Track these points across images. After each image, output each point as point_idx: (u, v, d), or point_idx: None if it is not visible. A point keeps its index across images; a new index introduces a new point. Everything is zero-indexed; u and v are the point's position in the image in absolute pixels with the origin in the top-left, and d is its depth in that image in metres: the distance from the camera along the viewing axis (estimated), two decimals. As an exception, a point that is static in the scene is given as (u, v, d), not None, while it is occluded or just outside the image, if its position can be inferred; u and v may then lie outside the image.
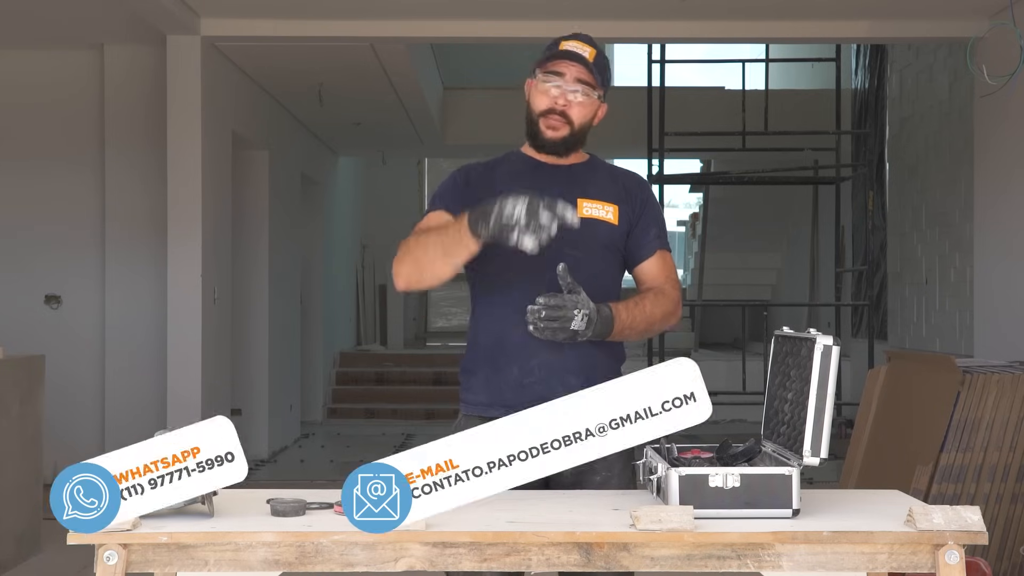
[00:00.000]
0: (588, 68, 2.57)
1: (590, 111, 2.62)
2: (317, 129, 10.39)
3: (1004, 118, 6.50)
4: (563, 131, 2.59)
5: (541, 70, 2.60)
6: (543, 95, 2.59)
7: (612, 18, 6.86)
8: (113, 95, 7.34)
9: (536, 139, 2.62)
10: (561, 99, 2.58)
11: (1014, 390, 4.42)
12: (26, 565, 5.17)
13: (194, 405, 6.62)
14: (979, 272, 6.98)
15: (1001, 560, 4.44)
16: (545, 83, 2.59)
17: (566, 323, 2.36)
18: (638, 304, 2.54)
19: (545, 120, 2.59)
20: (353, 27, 6.83)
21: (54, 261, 7.42)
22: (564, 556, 1.97)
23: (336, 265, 12.04)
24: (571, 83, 2.57)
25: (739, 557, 1.98)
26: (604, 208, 2.61)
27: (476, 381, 2.60)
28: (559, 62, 2.58)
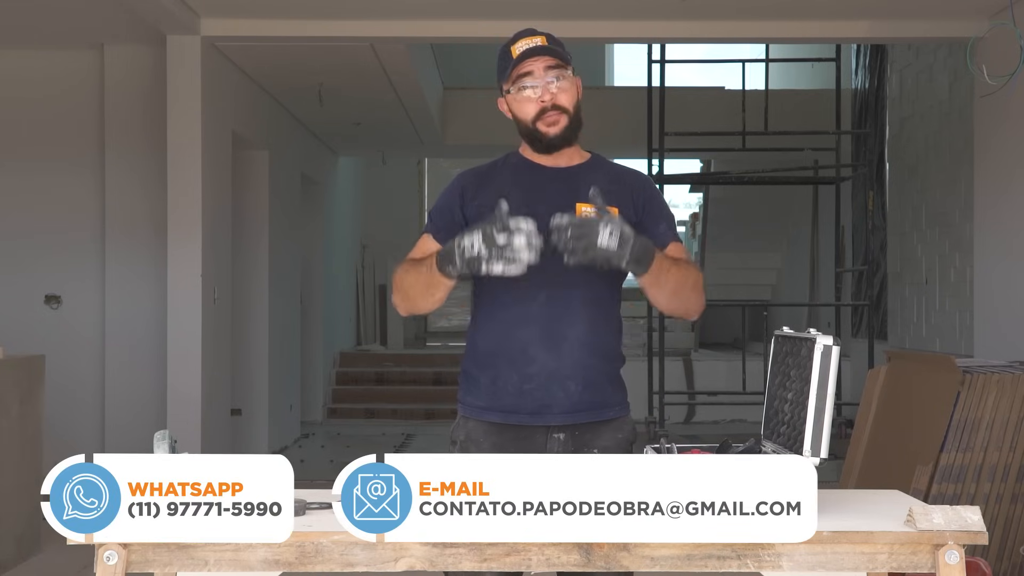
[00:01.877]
0: (549, 53, 2.55)
1: (574, 91, 2.59)
2: (317, 129, 10.39)
3: (1004, 118, 6.50)
4: (563, 121, 2.56)
5: (510, 84, 2.57)
6: (526, 103, 2.56)
7: (612, 18, 6.87)
8: (113, 95, 7.34)
9: (539, 142, 2.58)
10: (545, 95, 2.55)
11: (1014, 390, 4.42)
12: (26, 565, 5.17)
13: (194, 405, 6.62)
14: (979, 272, 6.97)
15: (1001, 560, 4.44)
16: (521, 92, 2.55)
17: (593, 238, 2.27)
18: (673, 261, 2.47)
19: (542, 121, 2.55)
20: (353, 27, 6.83)
21: (54, 261, 7.42)
22: (564, 556, 1.97)
23: (336, 265, 12.04)
24: (544, 76, 2.54)
25: (739, 557, 1.98)
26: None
27: (475, 385, 2.59)
28: (521, 65, 2.54)
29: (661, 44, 9.60)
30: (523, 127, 2.59)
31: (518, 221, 2.27)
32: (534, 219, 2.51)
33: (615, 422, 2.60)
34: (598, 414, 2.55)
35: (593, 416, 2.54)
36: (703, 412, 10.87)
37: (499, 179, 2.62)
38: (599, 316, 2.55)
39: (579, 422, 2.53)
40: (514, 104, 2.58)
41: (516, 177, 2.61)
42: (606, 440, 2.56)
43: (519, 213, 2.52)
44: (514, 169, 2.64)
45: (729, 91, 11.33)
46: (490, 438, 2.55)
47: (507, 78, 2.57)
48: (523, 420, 2.52)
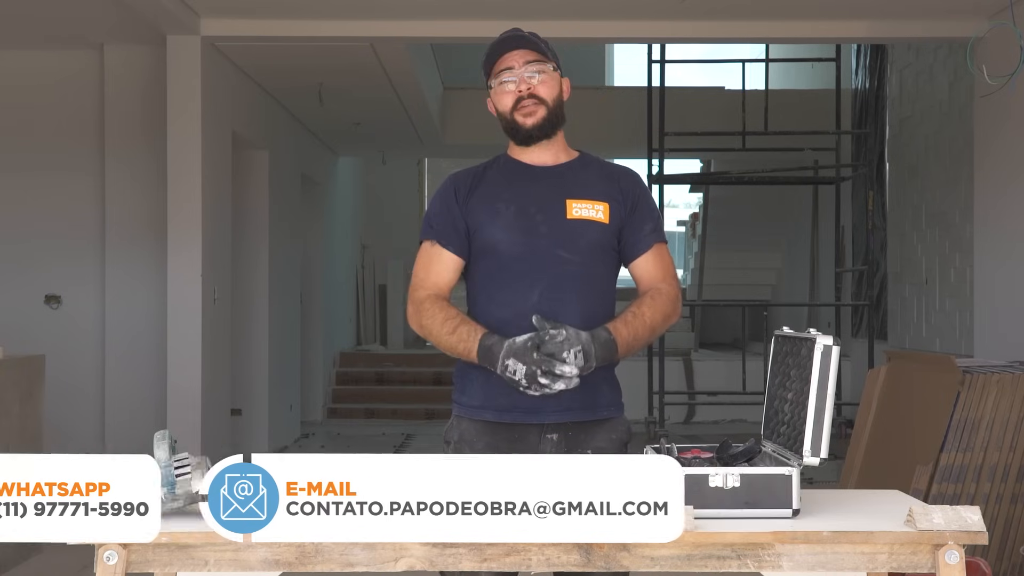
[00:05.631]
0: (530, 47, 2.57)
1: (555, 84, 2.60)
2: (317, 129, 10.39)
3: (1004, 118, 6.50)
4: (540, 111, 2.57)
5: (491, 78, 2.61)
6: (504, 94, 2.59)
7: (612, 18, 6.87)
8: (113, 95, 7.34)
9: (518, 133, 2.60)
10: (523, 85, 2.57)
11: (1014, 390, 4.42)
12: (26, 565, 5.17)
13: (194, 405, 6.62)
14: (979, 272, 6.97)
15: (1001, 560, 4.44)
16: (501, 85, 2.59)
17: (562, 368, 2.32)
18: (636, 314, 2.51)
19: (518, 111, 2.57)
20: (353, 27, 6.83)
21: (54, 261, 7.42)
22: (564, 556, 1.97)
23: (336, 265, 12.04)
24: (523, 68, 2.57)
25: (739, 557, 1.98)
26: (594, 207, 2.58)
27: (469, 384, 2.59)
28: (502, 59, 2.58)
29: (661, 44, 9.60)
30: (503, 120, 2.62)
31: (560, 347, 2.33)
32: (524, 219, 2.53)
33: (609, 422, 2.60)
34: (592, 413, 2.56)
35: (587, 415, 2.54)
36: (703, 412, 10.87)
37: (490, 180, 2.63)
38: (594, 315, 2.55)
39: (573, 421, 2.53)
40: (495, 98, 2.62)
41: (506, 178, 2.62)
42: (600, 440, 2.56)
43: (508, 213, 2.54)
44: (503, 170, 2.65)
45: (729, 91, 11.34)
46: (483, 438, 2.55)
47: (490, 73, 2.61)
48: (517, 418, 2.52)
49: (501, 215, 2.56)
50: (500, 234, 2.53)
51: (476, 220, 2.57)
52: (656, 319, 2.53)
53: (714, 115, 10.65)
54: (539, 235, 2.53)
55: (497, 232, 2.54)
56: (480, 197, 2.58)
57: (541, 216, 2.55)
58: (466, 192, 2.61)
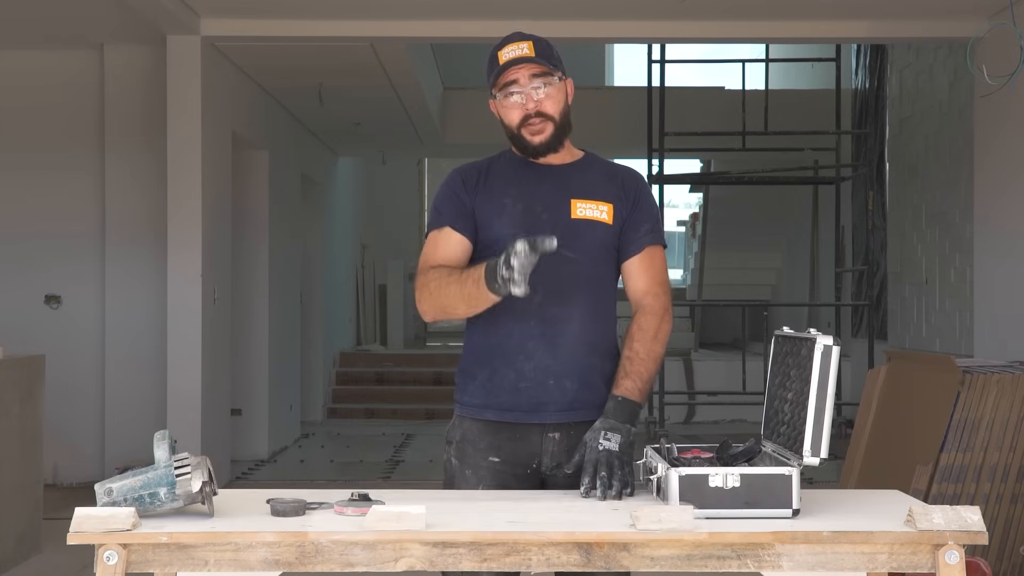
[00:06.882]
0: (534, 61, 2.55)
1: (560, 97, 2.58)
2: (317, 129, 10.39)
3: (1004, 118, 6.50)
4: (547, 129, 2.56)
5: (496, 90, 2.58)
6: (511, 109, 2.57)
7: (612, 18, 6.87)
8: (113, 95, 7.34)
9: (526, 149, 2.59)
10: (529, 103, 2.55)
11: (1014, 390, 4.42)
12: (26, 565, 5.16)
13: (194, 405, 6.62)
14: (979, 272, 6.97)
15: (1001, 560, 4.44)
16: (507, 98, 2.56)
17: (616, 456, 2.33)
18: (636, 354, 2.50)
19: (526, 128, 2.56)
20: (353, 27, 6.83)
21: (54, 261, 7.42)
22: (564, 556, 1.97)
23: (336, 265, 12.03)
24: (529, 83, 2.54)
25: (739, 557, 1.98)
26: (598, 208, 2.57)
27: (472, 383, 2.59)
28: (506, 73, 2.55)
29: (661, 44, 9.61)
30: (509, 132, 2.61)
31: (542, 240, 2.24)
32: (530, 217, 2.52)
33: None
34: (594, 413, 2.55)
35: (589, 415, 2.53)
36: (703, 412, 10.86)
37: (496, 176, 2.62)
38: (596, 315, 2.54)
39: (575, 420, 2.52)
40: (501, 109, 2.60)
41: (512, 175, 2.62)
42: None
43: (515, 211, 2.54)
44: (509, 166, 2.64)
45: (729, 91, 11.34)
46: (485, 438, 2.55)
47: (494, 84, 2.58)
48: (519, 418, 2.52)
49: (507, 212, 2.55)
50: (505, 231, 2.52)
51: (483, 215, 2.56)
52: (655, 349, 2.53)
53: (714, 115, 10.64)
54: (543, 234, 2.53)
55: (502, 229, 2.53)
56: (487, 193, 2.57)
57: (546, 215, 2.54)
58: (474, 185, 2.60)
